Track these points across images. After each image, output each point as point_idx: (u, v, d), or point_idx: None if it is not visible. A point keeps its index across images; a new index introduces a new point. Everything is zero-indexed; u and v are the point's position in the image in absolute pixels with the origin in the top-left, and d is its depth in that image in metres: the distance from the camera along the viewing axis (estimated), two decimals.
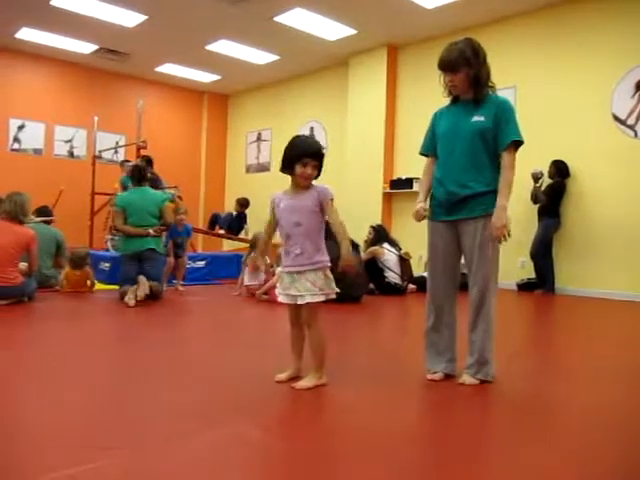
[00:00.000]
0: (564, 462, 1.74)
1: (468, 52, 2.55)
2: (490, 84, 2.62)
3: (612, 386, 2.70)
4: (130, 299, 4.85)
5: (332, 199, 2.53)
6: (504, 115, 2.55)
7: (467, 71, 2.55)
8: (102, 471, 1.56)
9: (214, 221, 9.53)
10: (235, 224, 9.23)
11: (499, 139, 2.55)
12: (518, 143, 2.55)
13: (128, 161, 8.56)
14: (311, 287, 2.43)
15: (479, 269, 2.57)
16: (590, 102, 6.66)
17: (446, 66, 2.59)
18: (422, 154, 2.85)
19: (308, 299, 2.43)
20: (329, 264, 2.49)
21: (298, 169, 2.48)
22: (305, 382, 2.46)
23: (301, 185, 2.52)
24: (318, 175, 2.56)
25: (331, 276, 2.50)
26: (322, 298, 2.46)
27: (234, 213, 9.44)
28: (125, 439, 1.81)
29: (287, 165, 2.52)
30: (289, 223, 2.48)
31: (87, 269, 5.69)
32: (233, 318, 4.71)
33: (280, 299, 2.55)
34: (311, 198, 2.48)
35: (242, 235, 9.13)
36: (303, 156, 2.48)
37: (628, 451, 1.87)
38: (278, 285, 2.57)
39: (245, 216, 9.38)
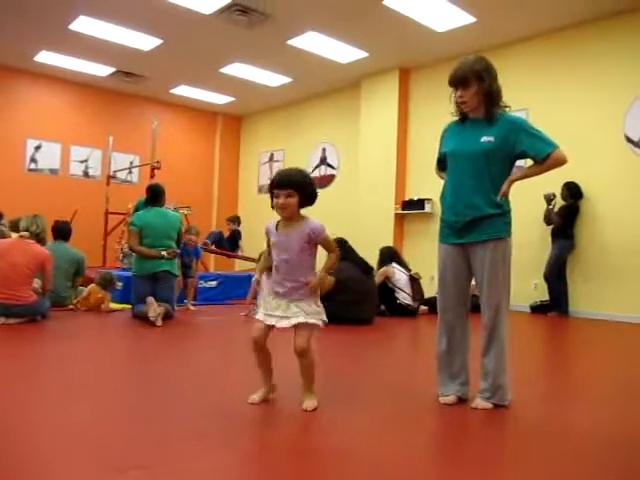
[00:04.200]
0: None
1: (479, 67, 2.53)
2: (503, 104, 2.60)
3: (629, 413, 2.65)
4: (157, 320, 4.86)
5: (326, 235, 2.44)
6: (521, 132, 2.53)
7: (478, 86, 2.53)
8: None
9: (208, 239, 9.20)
10: (227, 243, 9.09)
11: (533, 154, 2.52)
12: (556, 152, 2.49)
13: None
14: (301, 312, 2.39)
15: (490, 293, 2.55)
16: (602, 124, 6.66)
17: (457, 80, 2.57)
18: (439, 174, 2.89)
19: (301, 319, 2.37)
20: (319, 294, 2.47)
21: (274, 202, 2.42)
22: (312, 403, 2.44)
23: (284, 217, 2.43)
24: (308, 203, 2.41)
25: (321, 306, 2.45)
26: (314, 321, 2.41)
27: (221, 232, 9.27)
28: (141, 460, 1.80)
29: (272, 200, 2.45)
30: (279, 259, 2.45)
31: (109, 292, 5.73)
32: (241, 338, 4.70)
33: (259, 317, 2.46)
34: (301, 235, 2.40)
35: (239, 253, 9.11)
36: (273, 188, 2.41)
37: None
38: (261, 305, 2.48)
39: (239, 233, 9.26)
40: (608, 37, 6.66)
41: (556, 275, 6.64)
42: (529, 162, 2.65)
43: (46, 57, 8.74)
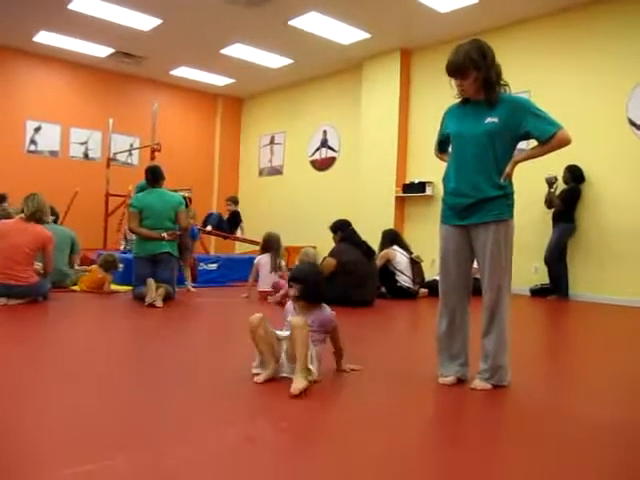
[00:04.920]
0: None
1: (474, 55, 2.49)
2: (503, 82, 2.58)
3: (624, 396, 2.67)
4: (157, 301, 4.87)
5: (335, 324, 2.71)
6: (526, 112, 2.52)
7: (475, 75, 2.51)
8: (117, 468, 1.58)
9: (206, 221, 8.98)
10: (227, 224, 8.97)
11: (538, 135, 2.51)
12: (560, 132, 2.47)
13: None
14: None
15: (492, 274, 2.55)
16: (606, 107, 6.61)
17: (453, 71, 2.55)
18: (438, 155, 2.90)
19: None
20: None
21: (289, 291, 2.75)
22: (297, 385, 2.35)
23: (297, 306, 2.70)
24: (312, 299, 2.67)
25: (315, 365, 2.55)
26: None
27: (220, 214, 9.10)
28: (139, 439, 1.82)
29: None
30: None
31: (110, 274, 5.80)
32: (243, 319, 4.72)
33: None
34: (314, 321, 2.62)
35: (238, 233, 9.08)
36: (289, 280, 2.74)
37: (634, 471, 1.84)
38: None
39: (239, 213, 9.13)
40: (612, 19, 6.58)
41: (556, 258, 6.64)
42: (531, 144, 2.64)
43: (45, 37, 8.66)
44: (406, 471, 1.67)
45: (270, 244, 5.79)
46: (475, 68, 2.50)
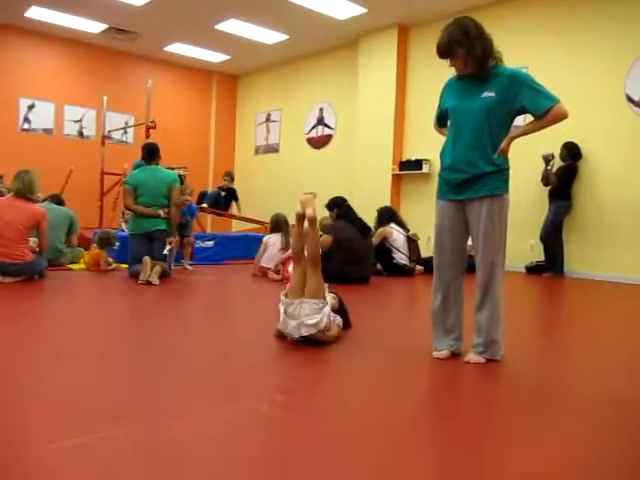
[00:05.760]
0: (565, 452, 1.74)
1: (457, 34, 2.51)
2: (497, 54, 2.57)
3: (620, 371, 2.70)
4: (154, 279, 4.86)
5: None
6: (522, 86, 2.50)
7: (462, 52, 2.53)
8: (111, 440, 1.59)
9: (201, 199, 8.85)
10: (223, 201, 8.82)
11: (533, 109, 2.49)
12: (557, 106, 2.46)
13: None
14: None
15: (485, 249, 2.55)
16: (603, 83, 6.56)
17: (442, 53, 2.59)
18: (437, 129, 2.90)
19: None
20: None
21: None
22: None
23: None
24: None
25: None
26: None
27: (221, 192, 8.95)
28: (134, 411, 1.83)
29: None
30: None
31: (106, 251, 5.81)
32: (239, 296, 4.73)
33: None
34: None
35: (234, 210, 8.99)
36: None
37: (632, 443, 1.85)
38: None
39: (235, 191, 8.99)
40: None
41: (552, 236, 6.64)
42: (527, 121, 2.62)
43: (37, 13, 8.52)
44: (404, 443, 1.68)
45: (280, 225, 6.07)
46: (460, 47, 2.52)
